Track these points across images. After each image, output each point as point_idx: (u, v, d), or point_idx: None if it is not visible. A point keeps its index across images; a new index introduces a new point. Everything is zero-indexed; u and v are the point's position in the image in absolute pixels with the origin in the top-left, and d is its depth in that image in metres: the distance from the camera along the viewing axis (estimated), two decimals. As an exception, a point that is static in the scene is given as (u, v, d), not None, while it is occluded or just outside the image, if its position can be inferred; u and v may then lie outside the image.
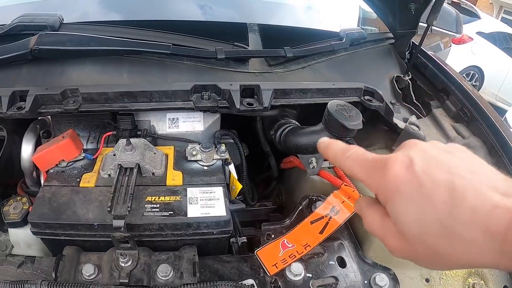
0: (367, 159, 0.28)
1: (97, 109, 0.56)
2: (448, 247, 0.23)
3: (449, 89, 0.80)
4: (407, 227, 0.24)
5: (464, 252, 0.23)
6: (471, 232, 0.22)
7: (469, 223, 0.22)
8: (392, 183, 0.25)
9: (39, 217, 0.49)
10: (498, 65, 4.13)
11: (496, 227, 0.21)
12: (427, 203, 0.23)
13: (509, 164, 0.67)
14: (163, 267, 0.47)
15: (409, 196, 0.24)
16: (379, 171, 0.26)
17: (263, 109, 0.58)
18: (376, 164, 0.27)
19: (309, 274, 0.51)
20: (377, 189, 0.27)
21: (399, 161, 0.25)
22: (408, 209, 0.24)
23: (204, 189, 0.52)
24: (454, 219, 0.22)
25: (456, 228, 0.22)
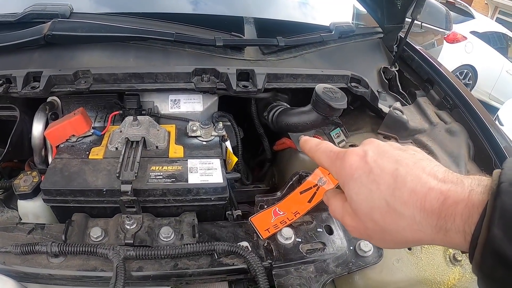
0: (332, 151, 0.34)
1: (107, 88, 0.61)
2: (392, 222, 0.28)
3: (433, 79, 0.86)
4: (359, 205, 0.30)
5: (405, 228, 0.27)
6: (409, 210, 0.26)
7: (408, 202, 0.26)
8: (348, 169, 0.30)
9: (51, 184, 0.53)
10: (492, 64, 4.22)
11: (431, 206, 0.26)
12: (374, 185, 0.28)
13: (488, 146, 0.72)
14: (165, 229, 0.52)
15: (360, 180, 0.29)
16: (340, 160, 0.32)
17: (257, 91, 0.63)
18: (338, 155, 0.33)
19: (298, 239, 0.56)
20: (337, 175, 0.32)
21: (355, 153, 0.31)
22: (360, 190, 0.29)
23: (203, 160, 0.57)
24: (396, 199, 0.27)
25: (398, 207, 0.27)
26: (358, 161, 0.30)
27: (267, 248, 0.54)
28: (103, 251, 0.49)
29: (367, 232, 0.31)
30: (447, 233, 0.25)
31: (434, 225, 0.26)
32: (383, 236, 0.29)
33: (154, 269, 0.50)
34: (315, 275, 0.53)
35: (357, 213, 0.30)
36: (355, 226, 0.32)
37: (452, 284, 0.57)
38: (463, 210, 0.24)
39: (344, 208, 0.33)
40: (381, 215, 0.28)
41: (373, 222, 0.29)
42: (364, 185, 0.29)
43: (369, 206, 0.29)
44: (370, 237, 0.31)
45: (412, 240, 0.28)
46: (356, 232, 0.32)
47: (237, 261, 0.52)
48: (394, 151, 0.30)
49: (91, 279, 0.50)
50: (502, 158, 0.69)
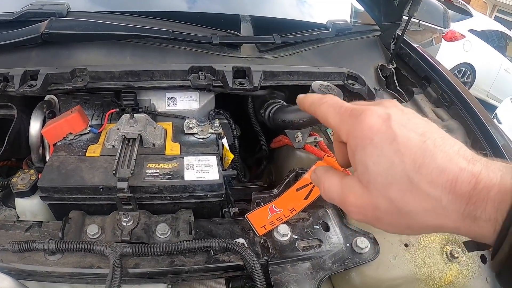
0: (343, 106, 0.28)
1: (103, 86, 0.61)
2: (412, 203, 0.23)
3: (431, 76, 0.86)
4: (374, 178, 0.24)
5: (428, 210, 0.23)
6: (437, 191, 0.23)
7: (436, 182, 0.23)
8: (367, 131, 0.25)
9: (48, 182, 0.54)
10: (490, 63, 4.22)
11: (461, 189, 0.22)
12: (398, 156, 0.24)
13: (485, 143, 0.72)
14: (161, 226, 0.52)
15: (381, 147, 0.24)
16: (355, 118, 0.26)
17: (253, 88, 0.64)
18: (352, 112, 0.27)
19: (295, 235, 0.56)
20: (349, 135, 0.26)
21: (377, 113, 0.25)
22: (379, 159, 0.24)
23: (199, 157, 0.57)
24: (423, 176, 0.23)
25: (423, 185, 0.23)
26: (380, 123, 0.25)
27: (263, 245, 0.55)
28: (99, 248, 0.49)
29: (375, 213, 0.26)
30: (475, 221, 0.22)
31: (462, 211, 0.23)
32: (397, 219, 0.25)
33: (151, 266, 0.50)
34: (312, 272, 0.53)
35: (370, 187, 0.25)
36: (360, 206, 0.26)
37: (449, 281, 0.57)
38: (496, 196, 0.22)
39: (345, 184, 0.27)
40: (400, 192, 0.24)
41: (388, 200, 0.24)
42: (385, 154, 0.24)
43: (388, 180, 0.24)
44: (378, 220, 0.26)
45: (433, 225, 0.24)
46: (360, 213, 0.27)
47: (234, 257, 0.52)
48: (420, 121, 0.26)
49: (88, 276, 0.50)
50: (500, 155, 0.69)
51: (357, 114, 0.26)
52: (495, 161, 0.24)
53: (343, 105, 0.28)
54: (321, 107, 0.29)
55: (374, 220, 0.27)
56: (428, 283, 0.56)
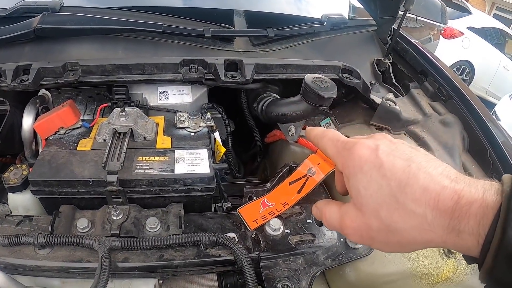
0: (339, 140, 0.32)
1: (95, 80, 0.61)
2: (400, 220, 0.26)
3: (427, 71, 0.85)
4: (366, 200, 0.28)
5: (414, 227, 0.25)
6: (421, 208, 0.25)
7: (420, 200, 0.25)
8: (357, 161, 0.29)
9: (39, 176, 0.53)
10: (489, 60, 4.21)
11: (444, 205, 0.24)
12: (385, 181, 0.27)
13: (483, 137, 0.71)
14: (151, 220, 0.52)
15: (370, 174, 0.28)
16: (348, 150, 0.30)
17: (245, 81, 0.63)
18: (346, 145, 0.31)
19: (287, 230, 0.55)
20: (344, 166, 0.30)
21: (366, 145, 0.29)
22: (368, 185, 0.28)
23: (190, 151, 0.57)
24: (408, 196, 0.25)
25: (408, 204, 0.25)
26: (369, 154, 0.29)
27: (255, 239, 0.54)
28: (88, 241, 0.48)
29: (369, 233, 0.29)
30: (459, 234, 0.24)
31: (446, 225, 0.24)
32: (388, 236, 0.28)
33: (140, 260, 0.50)
34: (304, 267, 0.53)
35: (363, 209, 0.28)
36: (356, 227, 0.29)
37: (446, 277, 0.56)
38: (477, 210, 0.23)
39: (342, 211, 0.31)
40: (389, 212, 0.26)
41: (379, 220, 0.27)
42: (373, 179, 0.27)
43: (377, 201, 0.27)
44: (373, 239, 0.29)
45: (421, 241, 0.26)
46: (357, 234, 0.30)
47: (224, 252, 0.51)
48: (406, 148, 0.29)
49: (77, 270, 0.50)
50: (497, 149, 0.68)
51: (350, 147, 0.30)
52: (480, 180, 0.26)
53: (339, 138, 0.32)
54: (322, 140, 0.34)
55: (370, 240, 0.30)
56: (425, 279, 0.55)
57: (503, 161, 0.67)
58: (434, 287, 0.55)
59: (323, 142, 0.34)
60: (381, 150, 0.28)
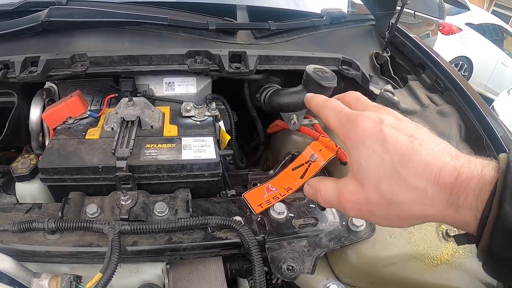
0: (342, 111, 0.31)
1: (103, 71, 0.62)
2: (401, 194, 0.26)
3: (425, 63, 0.87)
4: (367, 173, 0.28)
5: (415, 201, 0.26)
6: (422, 183, 0.25)
7: (421, 175, 0.25)
8: (360, 134, 0.28)
9: (48, 163, 0.54)
10: (487, 56, 4.23)
11: (444, 180, 0.25)
12: (387, 155, 0.27)
13: (479, 127, 0.73)
14: (159, 205, 0.53)
15: (373, 147, 0.27)
16: (351, 122, 0.29)
17: (249, 72, 0.65)
18: (350, 116, 0.30)
19: (291, 214, 0.57)
20: (345, 138, 0.30)
21: (370, 118, 0.28)
22: (370, 158, 0.27)
23: (196, 138, 0.59)
24: (409, 170, 0.26)
25: (410, 178, 0.26)
26: (372, 127, 0.28)
27: (260, 222, 0.55)
28: (98, 226, 0.50)
29: (368, 207, 0.28)
30: (458, 209, 0.25)
31: (445, 200, 0.25)
32: (388, 210, 0.28)
33: (149, 243, 0.51)
34: (308, 249, 0.54)
35: (363, 182, 0.28)
36: (355, 201, 0.29)
37: (445, 259, 0.58)
38: (476, 186, 0.24)
39: (340, 185, 0.30)
40: (389, 185, 0.27)
41: (379, 193, 0.27)
42: (376, 153, 0.27)
43: (379, 175, 0.27)
44: (372, 213, 0.29)
45: (420, 215, 0.27)
46: (355, 208, 0.29)
47: (231, 235, 0.53)
48: (410, 125, 0.29)
49: (87, 254, 0.51)
50: (493, 138, 0.70)
51: (353, 119, 0.29)
52: (478, 158, 0.26)
53: (342, 109, 0.31)
54: (324, 109, 0.32)
55: (368, 213, 0.29)
56: (425, 261, 0.57)
57: (498, 149, 0.69)
58: (433, 269, 0.57)
59: (324, 112, 0.32)
60: (385, 124, 0.28)
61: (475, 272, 0.56)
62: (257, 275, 0.48)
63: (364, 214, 0.30)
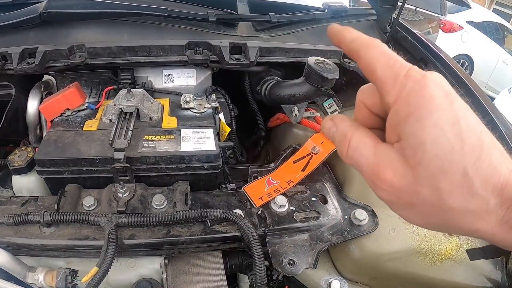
0: (398, 61, 0.22)
1: (101, 62, 0.61)
2: (459, 200, 0.20)
3: (427, 58, 0.86)
4: (427, 159, 0.20)
5: (471, 211, 0.21)
6: (487, 192, 0.20)
7: (488, 181, 0.20)
8: (427, 102, 0.20)
9: (45, 155, 0.53)
10: (488, 54, 4.21)
11: (509, 193, 0.20)
12: (458, 143, 0.20)
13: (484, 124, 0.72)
14: (157, 197, 0.52)
15: (442, 126, 0.20)
16: (413, 81, 0.21)
17: (249, 64, 0.64)
18: (410, 72, 0.21)
19: (292, 207, 0.56)
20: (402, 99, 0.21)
21: (438, 84, 0.21)
22: (439, 140, 0.20)
23: (196, 130, 0.58)
24: (477, 172, 0.20)
25: (476, 183, 0.20)
26: (442, 98, 0.20)
27: (261, 216, 0.54)
28: (95, 218, 0.49)
29: (412, 199, 0.21)
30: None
31: (501, 216, 0.21)
32: (434, 212, 0.22)
33: (146, 236, 0.50)
34: (310, 243, 0.53)
35: (418, 169, 0.21)
36: (398, 187, 0.21)
37: (449, 255, 0.57)
38: None
39: (381, 153, 0.22)
40: (450, 185, 0.20)
41: (434, 190, 0.21)
42: (446, 136, 0.20)
43: (443, 167, 0.20)
44: (411, 207, 0.22)
45: (469, 228, 0.22)
46: (393, 194, 0.22)
47: (230, 228, 0.52)
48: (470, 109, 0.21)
49: (83, 248, 0.50)
50: (498, 134, 0.69)
51: (417, 78, 0.21)
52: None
53: (399, 59, 0.22)
54: (369, 50, 0.23)
55: (406, 206, 0.22)
56: (428, 256, 0.56)
57: (503, 144, 0.68)
58: (437, 264, 0.56)
59: (370, 54, 0.23)
60: (456, 99, 0.21)
61: (479, 267, 0.55)
62: (258, 270, 0.47)
63: (400, 205, 0.23)
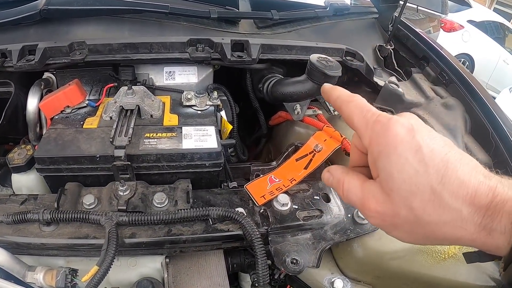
0: (370, 110, 0.28)
1: (102, 59, 0.61)
2: (433, 213, 0.24)
3: (429, 56, 0.86)
4: (397, 185, 0.25)
5: (447, 222, 0.24)
6: (458, 203, 0.23)
7: (457, 193, 0.23)
8: (391, 140, 0.25)
9: (45, 152, 0.53)
10: (489, 54, 4.21)
11: (480, 201, 0.23)
12: (422, 167, 0.24)
13: (485, 119, 0.72)
14: (159, 196, 0.52)
15: (406, 156, 0.24)
16: (380, 125, 0.26)
17: (251, 61, 0.63)
18: (380, 117, 0.27)
19: (295, 206, 0.55)
20: (373, 141, 0.26)
21: (401, 123, 0.26)
22: (403, 168, 0.24)
23: (198, 127, 0.57)
24: (445, 188, 0.23)
25: (445, 197, 0.23)
26: (405, 133, 0.25)
27: (263, 214, 0.54)
28: (95, 217, 0.48)
29: (394, 221, 0.26)
30: (491, 233, 0.23)
31: (478, 223, 0.23)
32: (415, 228, 0.25)
33: (147, 235, 0.49)
34: (313, 242, 0.52)
35: (392, 194, 0.25)
36: (381, 212, 0.26)
37: (453, 253, 0.56)
38: (510, 209, 0.22)
39: (366, 189, 0.27)
40: (422, 203, 0.24)
41: (409, 209, 0.25)
42: (409, 163, 0.24)
43: (411, 189, 0.24)
44: (396, 227, 0.26)
45: (450, 237, 0.25)
46: (379, 218, 0.27)
47: (232, 227, 0.51)
48: (439, 135, 0.26)
49: (83, 247, 0.49)
50: (500, 131, 0.69)
51: (383, 122, 0.26)
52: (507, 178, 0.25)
53: (370, 109, 0.28)
54: (348, 105, 0.29)
55: (392, 227, 0.27)
56: (432, 255, 0.55)
57: (505, 142, 0.68)
58: (441, 263, 0.55)
59: (348, 108, 0.29)
60: (417, 131, 0.25)
61: (482, 266, 0.54)
62: (260, 269, 0.46)
63: (387, 226, 0.27)
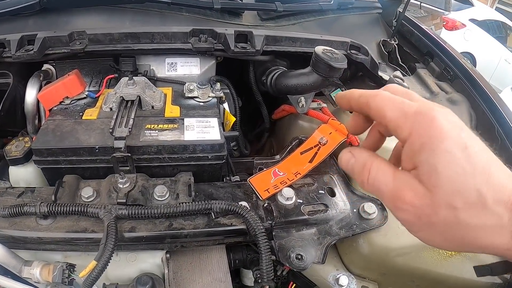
0: (404, 101, 0.25)
1: (102, 49, 0.59)
2: (475, 216, 0.22)
3: (433, 52, 0.85)
4: (442, 181, 0.23)
5: (487, 227, 0.22)
6: (500, 207, 0.22)
7: (500, 198, 0.22)
8: (437, 132, 0.23)
9: (42, 144, 0.51)
10: (490, 53, 4.19)
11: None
12: (470, 166, 0.22)
13: (490, 115, 0.71)
14: (159, 188, 0.50)
15: (454, 152, 0.22)
16: (424, 115, 0.24)
17: (255, 52, 0.62)
18: (420, 107, 0.24)
19: (300, 200, 0.54)
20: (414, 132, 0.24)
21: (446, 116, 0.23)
22: (451, 165, 0.22)
23: (200, 119, 0.56)
24: (489, 190, 0.22)
25: (489, 200, 0.22)
26: (450, 128, 0.23)
27: (267, 208, 0.52)
28: (93, 210, 0.47)
29: (430, 219, 0.24)
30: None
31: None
32: (452, 230, 0.23)
33: (148, 229, 0.48)
34: (318, 237, 0.51)
35: (435, 191, 0.23)
36: (419, 206, 0.24)
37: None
38: None
39: (401, 179, 0.25)
40: (466, 204, 0.22)
41: (451, 208, 0.23)
42: (457, 161, 0.22)
43: (456, 188, 0.22)
44: (430, 226, 0.24)
45: (485, 244, 0.23)
46: (413, 214, 0.24)
47: (235, 221, 0.50)
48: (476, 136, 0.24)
49: (81, 241, 0.48)
50: (505, 126, 0.68)
51: (426, 112, 0.24)
52: None
53: (404, 100, 0.25)
54: (375, 98, 0.26)
55: (425, 225, 0.25)
56: (438, 252, 0.54)
57: (510, 138, 0.66)
58: (447, 260, 0.54)
59: (376, 102, 0.26)
60: (463, 129, 0.23)
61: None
62: (265, 264, 0.45)
63: (420, 223, 0.25)
